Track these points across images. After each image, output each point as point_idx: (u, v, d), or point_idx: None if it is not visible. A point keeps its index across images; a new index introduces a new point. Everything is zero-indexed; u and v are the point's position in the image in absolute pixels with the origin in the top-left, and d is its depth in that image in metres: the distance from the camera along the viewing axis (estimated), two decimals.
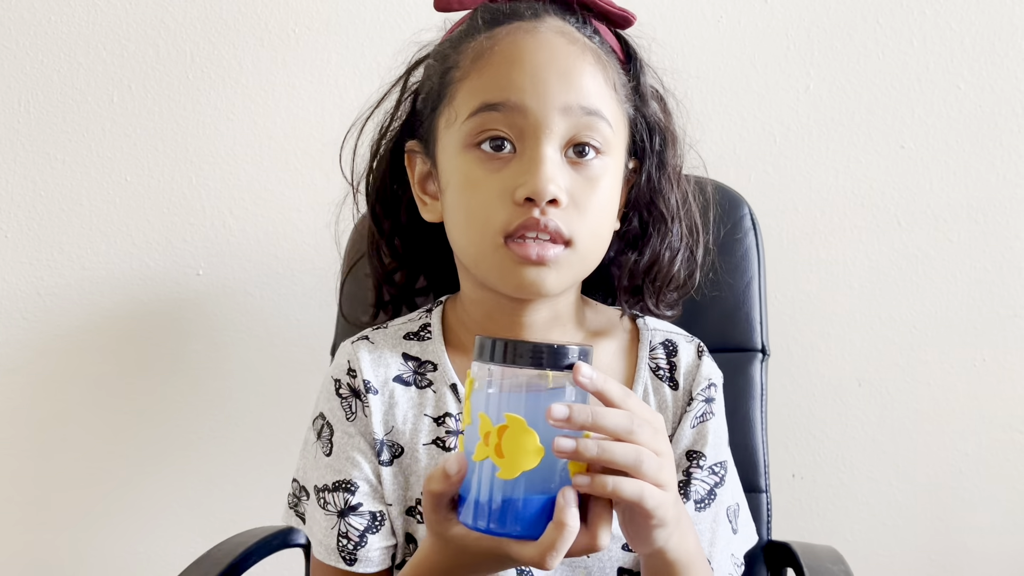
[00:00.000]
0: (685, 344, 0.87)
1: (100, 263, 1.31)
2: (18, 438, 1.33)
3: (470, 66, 0.75)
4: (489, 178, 0.72)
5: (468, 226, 0.75)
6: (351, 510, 0.79)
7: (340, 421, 0.82)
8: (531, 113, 0.72)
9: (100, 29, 1.29)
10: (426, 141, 0.81)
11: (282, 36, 1.30)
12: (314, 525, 0.82)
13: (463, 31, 0.79)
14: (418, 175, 0.83)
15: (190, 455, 1.34)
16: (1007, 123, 1.33)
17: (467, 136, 0.74)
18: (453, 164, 0.75)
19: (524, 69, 0.72)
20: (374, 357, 0.83)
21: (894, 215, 1.35)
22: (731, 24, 1.32)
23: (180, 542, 1.34)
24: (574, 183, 0.73)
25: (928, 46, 1.32)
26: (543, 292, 0.75)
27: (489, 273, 0.76)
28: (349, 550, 0.79)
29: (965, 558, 1.41)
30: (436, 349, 0.84)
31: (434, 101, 0.79)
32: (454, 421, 0.81)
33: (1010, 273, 1.36)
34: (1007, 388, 1.37)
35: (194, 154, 1.31)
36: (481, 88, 0.73)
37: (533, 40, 0.74)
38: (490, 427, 0.59)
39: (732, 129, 1.33)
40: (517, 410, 0.58)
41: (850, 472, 1.38)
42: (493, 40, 0.75)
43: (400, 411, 0.81)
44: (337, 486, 0.80)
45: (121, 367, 1.32)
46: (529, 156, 0.72)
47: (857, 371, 1.37)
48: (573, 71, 0.73)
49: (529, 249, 0.72)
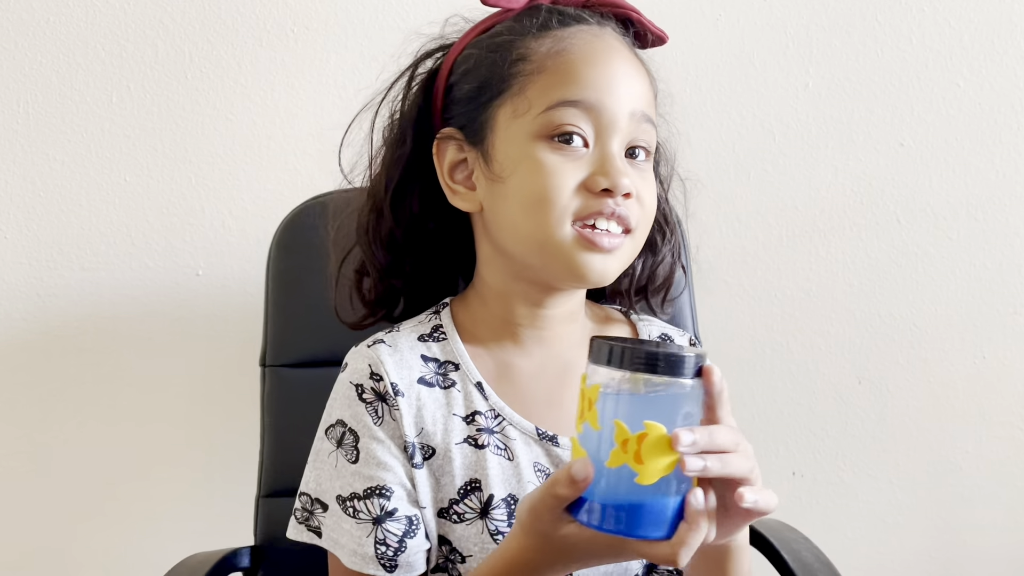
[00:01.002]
0: (679, 337, 0.92)
1: (99, 264, 1.31)
2: (17, 438, 1.33)
3: (545, 60, 0.77)
4: (564, 166, 0.76)
5: (538, 208, 0.76)
6: (388, 516, 0.78)
7: (366, 427, 0.80)
8: (607, 112, 0.76)
9: (99, 29, 1.29)
10: (470, 129, 0.81)
11: (281, 36, 1.30)
12: (341, 536, 0.79)
13: (527, 25, 0.80)
14: (448, 164, 0.82)
15: (191, 455, 1.34)
16: (1007, 120, 1.33)
17: (542, 127, 0.76)
18: (522, 152, 0.77)
19: (601, 70, 0.77)
20: (396, 360, 0.82)
21: (894, 213, 1.35)
22: (730, 22, 1.32)
23: (183, 538, 1.35)
24: (633, 179, 0.77)
25: (927, 43, 1.32)
26: (606, 279, 0.79)
27: (551, 256, 0.77)
28: (389, 556, 0.78)
29: (965, 555, 1.41)
30: (455, 348, 0.84)
31: (492, 91, 0.79)
32: (484, 419, 0.81)
33: (1010, 270, 1.36)
34: (1007, 385, 1.37)
35: (193, 154, 1.31)
36: (559, 83, 0.76)
37: (604, 44, 0.79)
38: (628, 434, 0.60)
39: (731, 127, 1.33)
40: (657, 418, 0.60)
41: (850, 470, 1.39)
42: (568, 38, 0.78)
43: (428, 412, 0.81)
44: (370, 493, 0.79)
45: (121, 368, 1.32)
46: (603, 151, 0.76)
47: (857, 369, 1.37)
48: (637, 78, 0.79)
49: (601, 238, 0.76)
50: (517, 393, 0.83)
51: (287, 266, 1.12)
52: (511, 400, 0.82)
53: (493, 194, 0.79)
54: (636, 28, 0.83)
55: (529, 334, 0.84)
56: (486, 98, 0.79)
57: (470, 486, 0.79)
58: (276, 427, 1.11)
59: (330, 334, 1.06)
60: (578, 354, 0.84)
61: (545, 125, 0.76)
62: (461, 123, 0.81)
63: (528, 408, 0.82)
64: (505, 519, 0.79)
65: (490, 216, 0.81)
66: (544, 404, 0.83)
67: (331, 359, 1.08)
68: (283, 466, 1.10)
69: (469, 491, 0.79)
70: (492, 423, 0.81)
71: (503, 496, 0.79)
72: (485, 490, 0.79)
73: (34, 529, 1.35)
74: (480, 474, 0.79)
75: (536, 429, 0.81)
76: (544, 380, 0.84)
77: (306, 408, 1.08)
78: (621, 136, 0.77)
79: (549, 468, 0.81)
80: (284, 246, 1.12)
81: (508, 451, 0.80)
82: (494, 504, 0.79)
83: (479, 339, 0.85)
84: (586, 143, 0.76)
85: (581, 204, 0.76)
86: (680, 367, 0.61)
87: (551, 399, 0.83)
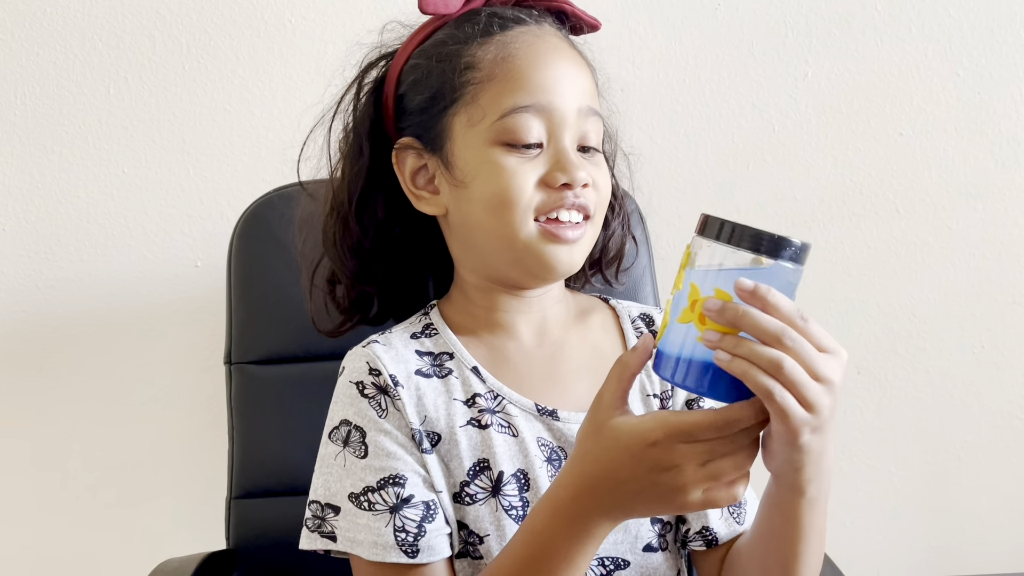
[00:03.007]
0: (658, 315, 0.95)
1: (98, 256, 1.31)
2: (17, 431, 1.33)
3: (493, 67, 0.81)
4: (523, 166, 0.80)
5: (502, 209, 0.80)
6: (404, 503, 0.78)
7: (372, 421, 0.81)
8: (557, 112, 0.80)
9: (95, 21, 1.29)
10: (427, 138, 0.84)
11: (278, 27, 1.30)
12: (358, 533, 0.79)
13: (470, 32, 0.82)
14: (409, 171, 0.86)
15: (190, 445, 1.34)
16: (1006, 110, 1.33)
17: (498, 134, 0.80)
18: (481, 157, 0.80)
19: (547, 72, 0.81)
20: (392, 355, 0.84)
21: (893, 203, 1.35)
22: (729, 12, 1.32)
23: (192, 532, 1.35)
24: (588, 170, 0.82)
25: (926, 33, 1.32)
26: (573, 269, 0.83)
27: (519, 253, 0.81)
28: (409, 543, 0.78)
29: (964, 544, 1.41)
30: (448, 340, 0.86)
31: (445, 100, 0.82)
32: (484, 400, 0.83)
33: (1009, 260, 1.36)
34: (1006, 375, 1.38)
35: (191, 146, 1.30)
36: (509, 90, 0.80)
37: (545, 44, 0.82)
38: (698, 296, 0.63)
39: (730, 117, 1.33)
40: (725, 286, 0.62)
41: (849, 460, 1.39)
42: (511, 42, 0.81)
43: (429, 400, 0.82)
44: (383, 483, 0.79)
45: (120, 359, 1.32)
46: (557, 148, 0.80)
47: (856, 359, 1.37)
48: (580, 74, 0.83)
49: (565, 231, 0.80)
50: (513, 374, 0.85)
51: (249, 259, 1.11)
52: (508, 381, 0.84)
53: (457, 198, 0.83)
54: (570, 20, 0.87)
55: (518, 319, 0.87)
56: (439, 108, 0.83)
57: (479, 466, 0.81)
58: (245, 427, 1.09)
59: (297, 328, 1.07)
60: (568, 333, 0.88)
61: (501, 132, 0.80)
62: (417, 132, 0.85)
63: (525, 387, 0.85)
64: (517, 494, 0.81)
65: (456, 218, 0.84)
66: (540, 382, 0.85)
67: (300, 355, 1.09)
68: (254, 466, 1.08)
69: (479, 471, 0.81)
70: (492, 404, 0.83)
71: (512, 472, 0.81)
72: (494, 468, 0.81)
73: (35, 522, 1.35)
74: (487, 453, 0.81)
75: (535, 405, 0.83)
76: (538, 360, 0.86)
77: (275, 406, 1.08)
78: (572, 132, 0.81)
79: (552, 442, 0.83)
80: (245, 238, 1.11)
81: (511, 428, 0.83)
82: (504, 480, 0.81)
83: (470, 330, 0.87)
84: (540, 143, 0.80)
85: (542, 200, 0.80)
86: (758, 244, 0.61)
87: (547, 377, 0.86)
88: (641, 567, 0.83)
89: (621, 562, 0.82)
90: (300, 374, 1.08)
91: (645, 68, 1.32)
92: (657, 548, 0.84)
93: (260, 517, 1.06)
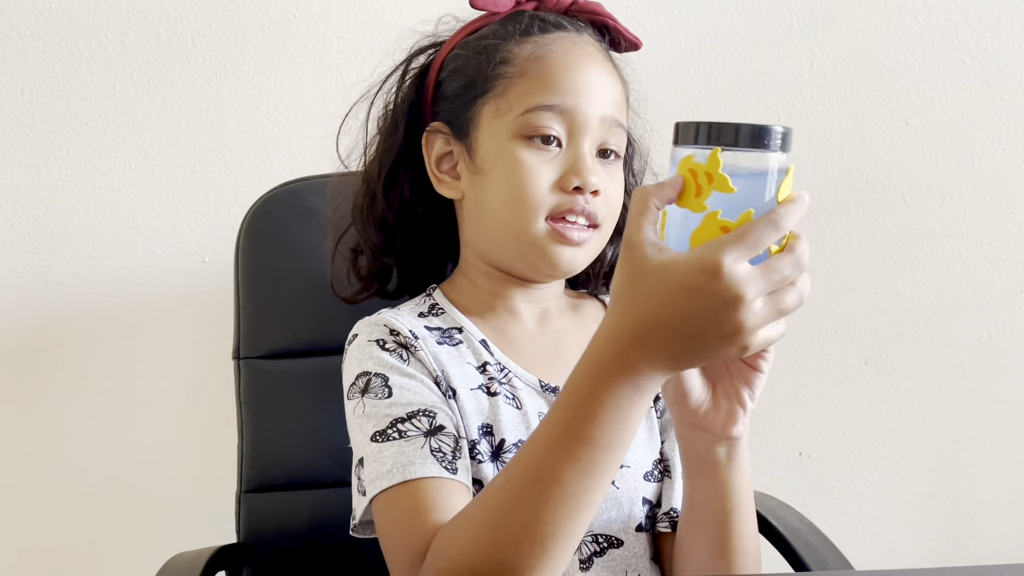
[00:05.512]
0: None
1: (106, 251, 1.32)
2: (26, 425, 1.34)
3: (526, 65, 0.84)
4: (540, 166, 0.82)
5: (515, 203, 0.83)
6: (438, 430, 0.78)
7: (394, 367, 0.82)
8: (580, 116, 0.83)
9: (101, 17, 1.29)
10: (456, 124, 0.88)
11: (283, 21, 1.30)
12: (383, 464, 0.75)
13: (511, 30, 0.86)
14: (435, 155, 0.89)
15: (199, 440, 1.35)
16: (1013, 98, 1.33)
17: (521, 128, 0.83)
18: (502, 149, 0.84)
19: (577, 76, 0.84)
20: (404, 322, 0.86)
21: (899, 192, 1.35)
22: (734, 1, 1.32)
23: (201, 526, 1.36)
24: (602, 178, 0.84)
25: (933, 21, 1.32)
26: (574, 269, 0.86)
27: (525, 247, 0.84)
28: (449, 459, 0.76)
29: (972, 533, 1.41)
30: (455, 317, 0.89)
31: (477, 90, 0.86)
32: (493, 369, 0.85)
33: (1016, 249, 1.35)
34: (1014, 364, 1.37)
35: (197, 141, 1.31)
36: (538, 88, 0.83)
37: (581, 51, 0.85)
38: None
39: (735, 107, 1.33)
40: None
41: (857, 450, 1.39)
42: (547, 44, 0.85)
43: (444, 360, 0.84)
44: (414, 414, 0.78)
45: (128, 355, 1.33)
46: (576, 152, 0.83)
47: (863, 349, 1.37)
48: (610, 85, 0.86)
49: (571, 232, 0.83)
50: (518, 352, 0.88)
51: (256, 254, 1.11)
52: (513, 357, 0.87)
53: (475, 185, 0.86)
54: (612, 35, 0.90)
55: (522, 306, 0.90)
56: (471, 96, 0.86)
57: (483, 430, 0.83)
58: (254, 421, 1.09)
59: (305, 323, 1.08)
60: (566, 323, 0.92)
61: (524, 126, 0.83)
62: (448, 118, 0.88)
63: (528, 364, 0.87)
64: None
65: (471, 204, 0.88)
66: (543, 362, 0.88)
67: (308, 349, 1.09)
68: (263, 460, 1.08)
69: (482, 435, 0.83)
70: (500, 375, 0.86)
71: (514, 441, 0.83)
72: (496, 435, 0.83)
73: (40, 517, 1.36)
74: (492, 420, 0.83)
75: (539, 381, 0.86)
76: (540, 342, 0.90)
77: (284, 400, 1.09)
78: (592, 138, 0.84)
79: None
80: (252, 233, 1.11)
81: (516, 400, 0.85)
82: (505, 448, 0.83)
83: (475, 311, 0.90)
84: (560, 144, 0.83)
85: (555, 202, 0.83)
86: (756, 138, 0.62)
87: (549, 358, 0.88)
88: (633, 547, 0.84)
89: (615, 540, 0.84)
90: (308, 368, 1.09)
91: (650, 58, 1.32)
92: (645, 529, 0.86)
93: (270, 511, 1.07)
